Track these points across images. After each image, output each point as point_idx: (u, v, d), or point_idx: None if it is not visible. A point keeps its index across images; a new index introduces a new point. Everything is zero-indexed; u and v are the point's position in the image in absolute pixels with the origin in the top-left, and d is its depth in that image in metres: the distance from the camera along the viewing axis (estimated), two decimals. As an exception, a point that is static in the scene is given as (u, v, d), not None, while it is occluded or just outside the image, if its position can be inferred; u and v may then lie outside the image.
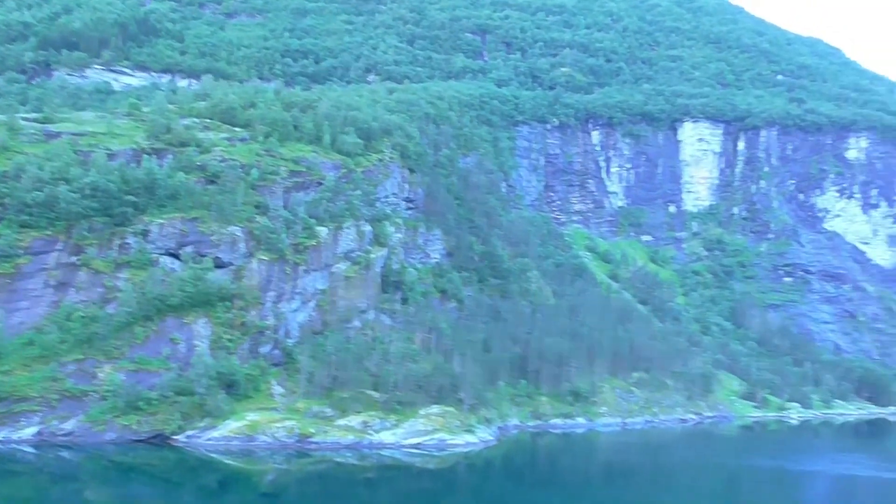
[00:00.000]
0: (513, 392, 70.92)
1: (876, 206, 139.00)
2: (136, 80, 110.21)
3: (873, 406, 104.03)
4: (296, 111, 78.79)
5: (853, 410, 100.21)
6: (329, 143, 75.22)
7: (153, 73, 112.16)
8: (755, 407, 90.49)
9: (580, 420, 73.73)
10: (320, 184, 70.79)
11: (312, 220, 67.14)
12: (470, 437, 57.26)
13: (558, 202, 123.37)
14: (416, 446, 54.66)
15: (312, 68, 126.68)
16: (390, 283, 71.97)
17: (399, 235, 76.96)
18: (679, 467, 57.21)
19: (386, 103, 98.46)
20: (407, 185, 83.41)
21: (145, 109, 73.14)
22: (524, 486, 46.11)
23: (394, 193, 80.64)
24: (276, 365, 59.23)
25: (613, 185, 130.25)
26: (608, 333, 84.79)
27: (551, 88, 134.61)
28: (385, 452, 53.18)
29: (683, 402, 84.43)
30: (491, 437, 59.24)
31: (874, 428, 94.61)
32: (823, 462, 61.44)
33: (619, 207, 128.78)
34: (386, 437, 55.02)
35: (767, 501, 44.35)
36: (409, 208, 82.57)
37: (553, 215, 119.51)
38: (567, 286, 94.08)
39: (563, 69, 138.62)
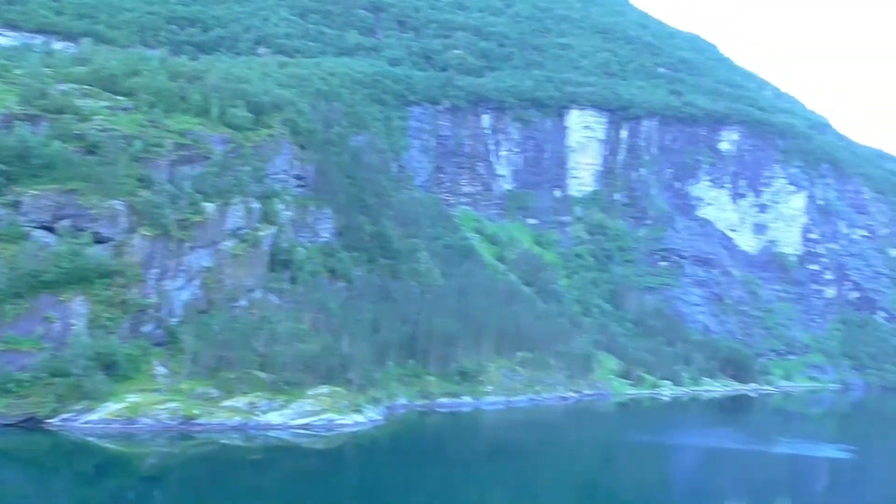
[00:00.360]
0: (401, 372, 71.49)
1: (744, 196, 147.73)
2: (6, 39, 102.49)
3: (736, 383, 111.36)
4: (182, 81, 75.56)
5: (719, 387, 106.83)
6: (217, 117, 72.64)
7: (25, 33, 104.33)
8: (631, 385, 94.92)
9: (466, 399, 75.22)
10: (207, 158, 68.37)
11: (199, 196, 64.84)
12: (358, 417, 57.41)
13: (448, 184, 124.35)
14: (303, 427, 54.30)
15: (200, 37, 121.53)
16: (279, 261, 70.66)
17: (288, 213, 75.55)
18: (560, 443, 59.48)
19: (277, 77, 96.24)
20: (297, 162, 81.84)
21: (17, 72, 68.35)
22: (410, 465, 46.88)
23: (284, 170, 78.95)
24: (158, 345, 57.13)
25: (502, 169, 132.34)
26: (495, 314, 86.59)
27: (444, 70, 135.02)
28: (272, 433, 52.59)
29: (565, 381, 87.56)
30: (379, 417, 59.64)
31: (737, 403, 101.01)
32: (694, 436, 65.12)
33: (507, 191, 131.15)
34: (273, 417, 54.36)
35: (643, 474, 46.81)
36: (299, 186, 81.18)
37: (443, 196, 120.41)
38: (455, 267, 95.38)
39: (455, 51, 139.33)
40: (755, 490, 43.20)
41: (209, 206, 64.78)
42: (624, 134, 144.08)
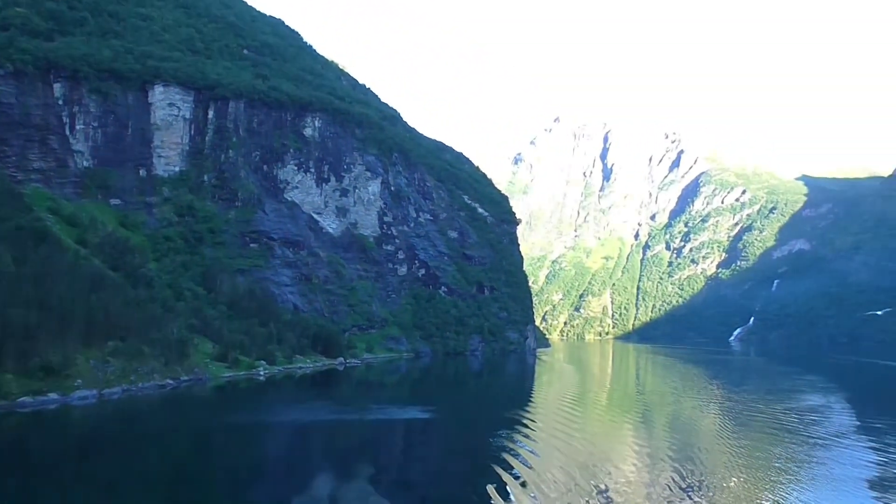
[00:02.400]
0: (-29, 372, 62.85)
1: (327, 181, 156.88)
2: None
3: (325, 358, 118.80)
4: None
5: (310, 363, 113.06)
6: None
7: None
8: (227, 367, 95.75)
9: (53, 396, 69.10)
10: None
11: None
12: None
13: (14, 158, 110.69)
14: None
15: None
16: None
17: None
18: (154, 433, 58.12)
19: None
20: None
21: None
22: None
23: None
24: None
25: (79, 144, 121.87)
26: (80, 302, 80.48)
27: (4, 30, 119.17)
28: None
29: (161, 368, 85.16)
30: (-54, 425, 52.04)
31: (326, 377, 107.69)
32: (288, 412, 68.37)
33: (86, 168, 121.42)
34: None
35: (238, 454, 48.12)
36: None
37: (9, 173, 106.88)
38: (30, 252, 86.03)
39: (18, 9, 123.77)
40: (347, 455, 47.03)
41: None
42: (211, 114, 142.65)
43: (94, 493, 36.67)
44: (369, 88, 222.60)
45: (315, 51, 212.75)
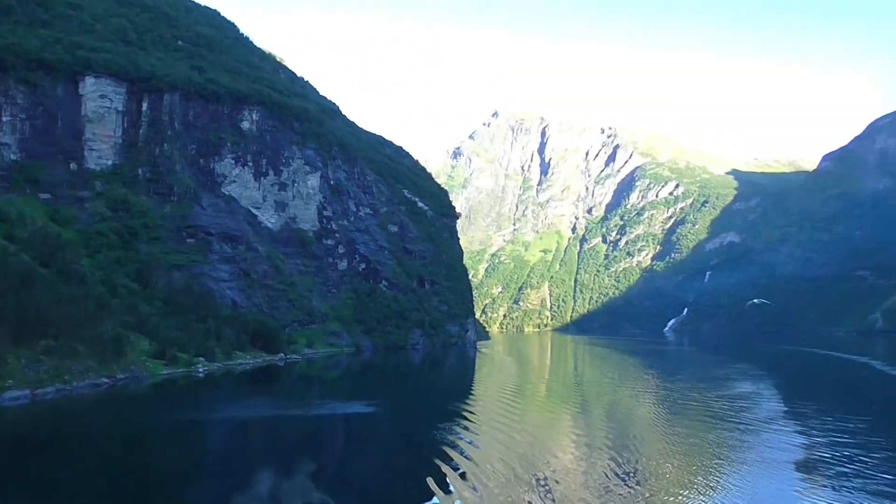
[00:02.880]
0: None
1: (266, 175, 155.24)
2: None
3: (266, 354, 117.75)
4: None
5: (250, 359, 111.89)
6: None
7: None
8: (165, 365, 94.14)
9: (-18, 396, 66.90)
10: None
11: None
12: None
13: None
14: None
15: None
16: None
17: None
18: (91, 432, 56.97)
19: None
20: None
21: None
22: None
23: None
24: None
25: (6, 137, 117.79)
26: (9, 299, 78.18)
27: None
28: None
29: (96, 367, 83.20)
30: None
31: (267, 373, 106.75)
32: (228, 409, 67.78)
33: (13, 161, 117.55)
34: None
35: (180, 451, 47.42)
36: None
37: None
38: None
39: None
40: (289, 451, 46.90)
41: None
42: (145, 106, 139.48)
43: (29, 496, 35.89)
44: (308, 82, 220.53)
45: (252, 43, 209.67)
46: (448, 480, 34.61)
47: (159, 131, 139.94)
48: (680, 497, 31.96)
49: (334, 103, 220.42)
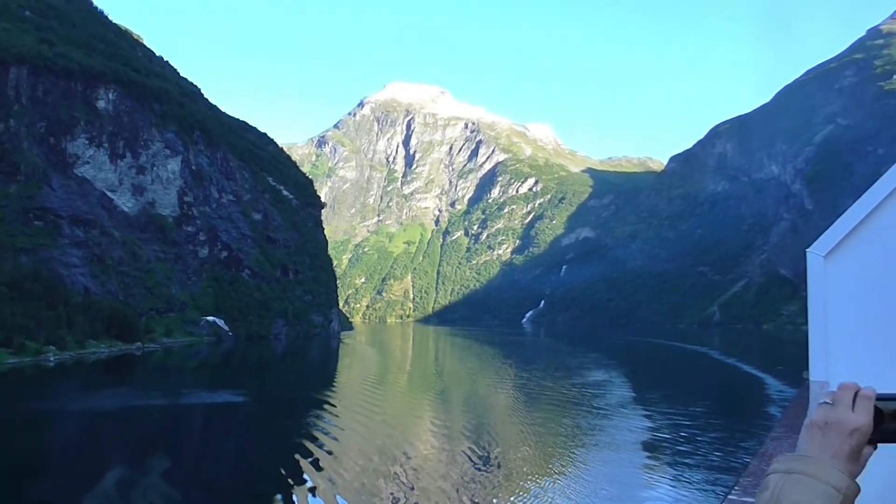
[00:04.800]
0: None
1: (123, 157, 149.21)
2: None
3: (122, 343, 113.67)
4: None
5: (105, 348, 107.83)
6: None
7: None
8: (12, 353, 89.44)
9: None
10: None
11: None
12: None
13: None
14: None
15: None
16: None
17: None
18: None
19: None
20: None
21: None
22: None
23: None
24: None
25: None
26: None
27: None
28: None
29: (-67, 355, 78.03)
30: None
31: (123, 363, 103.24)
32: (85, 399, 65.26)
33: None
34: None
35: (23, 445, 44.66)
36: None
37: None
38: None
39: None
40: (143, 444, 45.78)
41: None
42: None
43: None
44: (168, 62, 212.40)
45: (107, 17, 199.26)
46: (304, 472, 35.27)
47: (4, 106, 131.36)
48: (536, 479, 34.34)
49: (196, 85, 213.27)
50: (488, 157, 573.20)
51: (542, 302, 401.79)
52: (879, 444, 1.85)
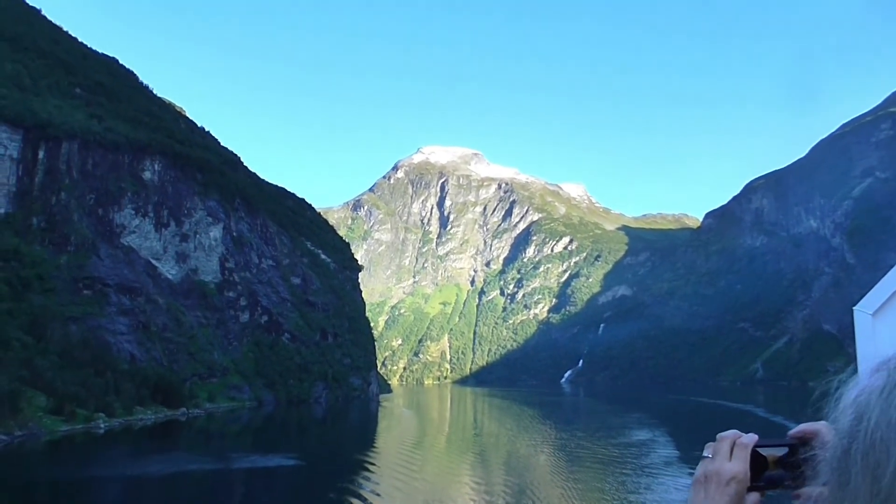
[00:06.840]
0: None
1: (167, 226, 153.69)
2: None
3: (167, 409, 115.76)
4: None
5: (151, 414, 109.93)
6: None
7: None
8: (64, 421, 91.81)
9: None
10: None
11: None
12: None
13: None
14: None
15: None
16: None
17: None
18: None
19: None
20: None
21: None
22: None
23: None
24: None
25: None
26: None
27: None
28: None
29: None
30: None
31: (168, 428, 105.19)
32: (133, 465, 66.93)
33: None
34: None
35: None
36: None
37: None
38: None
39: None
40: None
41: None
42: (41, 154, 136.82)
43: None
44: (209, 132, 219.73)
45: (152, 91, 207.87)
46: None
47: (56, 180, 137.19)
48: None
49: (236, 154, 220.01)
50: (522, 217, 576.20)
51: (581, 361, 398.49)
52: (768, 492, 1.81)
